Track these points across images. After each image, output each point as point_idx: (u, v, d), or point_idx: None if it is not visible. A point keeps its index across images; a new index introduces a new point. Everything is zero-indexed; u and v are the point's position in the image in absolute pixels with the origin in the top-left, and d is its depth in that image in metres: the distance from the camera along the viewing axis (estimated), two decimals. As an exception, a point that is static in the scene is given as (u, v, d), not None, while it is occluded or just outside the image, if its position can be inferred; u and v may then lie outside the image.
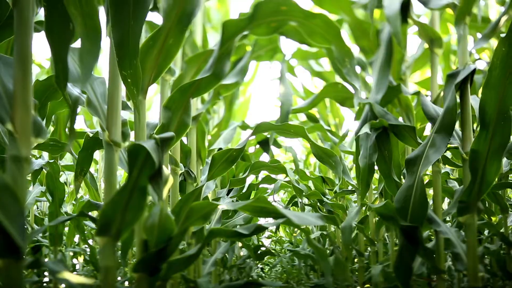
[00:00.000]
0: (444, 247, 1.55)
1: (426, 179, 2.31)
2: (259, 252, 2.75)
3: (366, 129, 1.52)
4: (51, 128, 2.59)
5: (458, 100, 1.46)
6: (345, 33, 2.17)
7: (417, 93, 1.57)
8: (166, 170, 0.80)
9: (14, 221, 0.54)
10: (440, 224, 1.49)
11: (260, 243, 4.76)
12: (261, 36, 1.25)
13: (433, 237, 1.92)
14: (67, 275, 0.77)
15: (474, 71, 1.32)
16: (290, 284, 4.34)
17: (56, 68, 0.63)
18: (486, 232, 2.65)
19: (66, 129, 2.24)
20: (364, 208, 2.46)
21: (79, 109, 2.05)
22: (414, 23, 1.64)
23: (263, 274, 5.80)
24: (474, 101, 1.47)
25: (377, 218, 2.35)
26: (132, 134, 1.06)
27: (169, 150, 1.32)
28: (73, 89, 0.98)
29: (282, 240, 5.97)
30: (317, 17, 1.14)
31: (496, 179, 2.55)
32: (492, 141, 1.17)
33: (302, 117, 3.30)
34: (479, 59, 2.64)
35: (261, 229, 1.15)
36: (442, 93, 1.58)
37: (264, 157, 3.50)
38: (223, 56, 1.16)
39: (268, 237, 6.02)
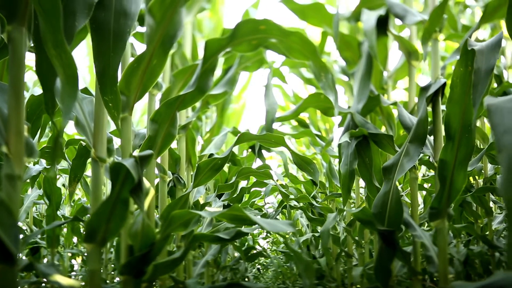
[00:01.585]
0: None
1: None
2: (250, 253, 2.83)
3: (345, 138, 1.60)
4: (48, 134, 2.67)
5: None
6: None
7: (395, 104, 1.65)
8: (147, 182, 0.88)
9: (8, 232, 0.63)
10: (416, 229, 1.57)
11: (257, 244, 4.84)
12: (243, 52, 1.33)
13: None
14: (58, 278, 0.85)
15: (444, 84, 1.40)
16: (286, 284, 4.42)
17: (45, 97, 0.72)
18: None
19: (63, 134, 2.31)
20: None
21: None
22: (393, 36, 1.73)
23: (260, 275, 5.87)
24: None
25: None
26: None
27: (158, 158, 1.40)
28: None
29: (279, 241, 6.04)
30: (294, 35, 1.22)
31: (482, 183, 2.63)
32: (458, 151, 1.25)
33: (294, 121, 3.38)
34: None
35: (241, 234, 1.23)
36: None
37: (259, 160, 3.57)
38: (207, 72, 1.24)
39: (265, 238, 6.09)
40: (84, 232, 0.84)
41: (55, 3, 0.54)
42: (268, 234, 5.78)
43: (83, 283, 2.72)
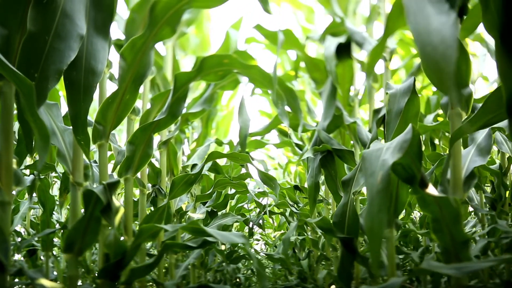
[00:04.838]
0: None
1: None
2: (234, 256, 2.99)
3: (309, 153, 1.77)
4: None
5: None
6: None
7: (354, 123, 1.82)
8: (117, 202, 1.05)
9: (0, 246, 0.79)
10: (371, 236, 1.74)
11: (251, 247, 4.98)
12: (212, 81, 1.50)
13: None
14: (43, 281, 1.02)
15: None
16: (277, 284, 4.58)
17: (26, 142, 0.89)
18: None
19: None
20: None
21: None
22: (355, 60, 1.90)
23: (253, 276, 6.01)
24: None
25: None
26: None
27: (138, 173, 1.56)
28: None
29: (269, 244, 6.20)
30: (254, 68, 1.39)
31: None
32: (400, 170, 1.42)
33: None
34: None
35: (207, 243, 1.39)
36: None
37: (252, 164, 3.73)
38: (178, 100, 1.41)
39: (258, 240, 6.25)
40: (64, 244, 1.01)
41: (30, 89, 0.70)
42: (260, 237, 5.95)
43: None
